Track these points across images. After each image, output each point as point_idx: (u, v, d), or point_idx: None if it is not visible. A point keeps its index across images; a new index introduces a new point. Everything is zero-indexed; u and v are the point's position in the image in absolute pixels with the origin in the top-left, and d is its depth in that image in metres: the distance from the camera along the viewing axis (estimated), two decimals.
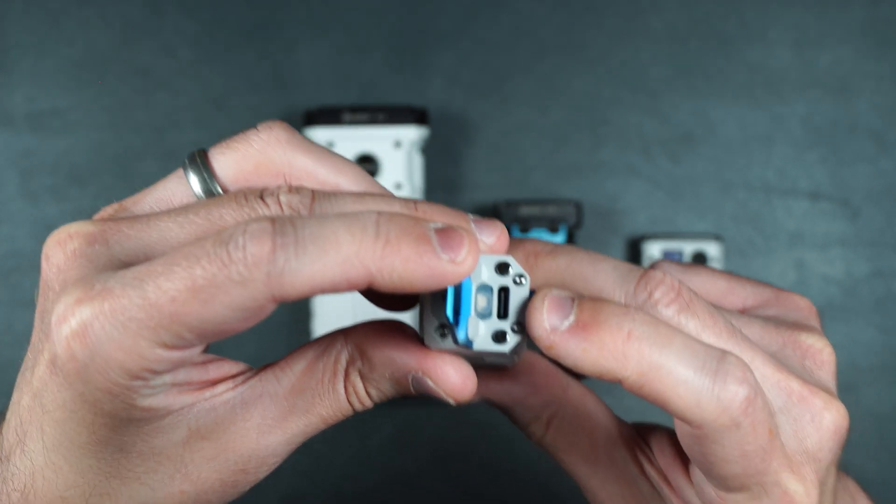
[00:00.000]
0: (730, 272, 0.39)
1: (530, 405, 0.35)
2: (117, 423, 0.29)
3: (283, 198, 0.30)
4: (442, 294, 0.30)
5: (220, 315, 0.26)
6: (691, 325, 0.32)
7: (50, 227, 0.35)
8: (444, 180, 0.81)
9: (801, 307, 0.37)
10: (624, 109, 0.82)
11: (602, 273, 0.33)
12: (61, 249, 0.29)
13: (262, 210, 0.30)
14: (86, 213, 0.34)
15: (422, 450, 0.80)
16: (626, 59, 0.82)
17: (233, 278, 0.26)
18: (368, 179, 0.33)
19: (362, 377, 0.31)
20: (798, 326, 0.35)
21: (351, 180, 0.33)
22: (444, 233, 0.28)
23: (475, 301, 0.30)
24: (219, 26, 0.82)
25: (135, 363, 0.27)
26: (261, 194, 0.30)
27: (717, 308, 0.34)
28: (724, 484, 0.31)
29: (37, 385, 0.29)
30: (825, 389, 0.34)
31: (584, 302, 0.29)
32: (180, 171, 0.33)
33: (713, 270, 0.39)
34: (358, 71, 0.82)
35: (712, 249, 0.79)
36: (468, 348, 0.30)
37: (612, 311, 0.29)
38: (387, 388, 0.31)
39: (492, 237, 0.31)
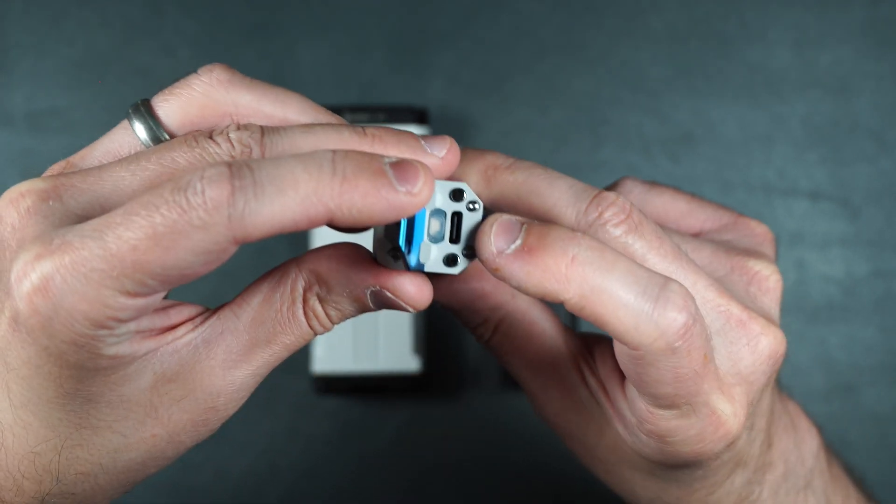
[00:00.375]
0: (693, 194, 0.40)
1: (478, 309, 0.36)
2: (83, 374, 0.29)
3: (232, 135, 0.30)
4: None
5: (183, 260, 0.27)
6: (637, 245, 0.33)
7: None
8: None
9: (758, 233, 0.38)
10: (624, 109, 0.82)
11: (557, 190, 0.34)
12: (14, 208, 0.30)
13: (212, 149, 0.30)
14: None
15: (423, 450, 0.80)
16: (626, 59, 0.82)
17: (194, 224, 0.26)
18: (314, 108, 0.34)
19: (321, 300, 0.31)
20: (748, 252, 0.36)
21: (297, 111, 0.33)
22: (400, 166, 0.28)
23: (428, 225, 0.31)
24: (219, 26, 0.82)
25: (100, 313, 0.27)
26: (210, 134, 0.31)
27: (667, 232, 0.35)
28: (656, 402, 0.32)
29: None
30: (765, 316, 0.35)
31: (532, 226, 0.30)
32: (125, 123, 0.33)
33: (676, 191, 0.40)
34: (358, 71, 0.82)
35: None
36: (419, 271, 0.31)
37: (559, 235, 0.30)
38: (346, 307, 0.31)
39: (442, 150, 0.32)
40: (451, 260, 0.31)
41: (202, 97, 0.33)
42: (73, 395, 0.29)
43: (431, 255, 0.31)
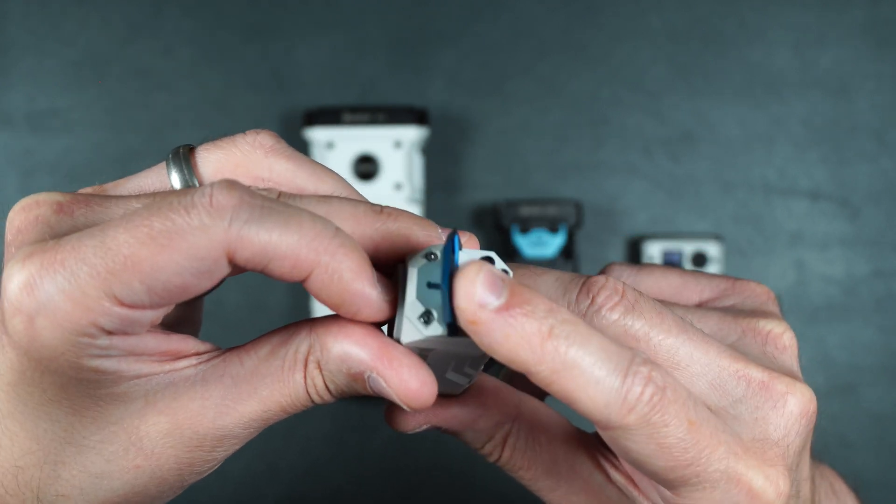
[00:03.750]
0: (682, 268, 0.39)
1: (481, 428, 0.33)
2: (67, 381, 0.28)
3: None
4: (432, 282, 0.29)
5: (176, 263, 0.26)
6: (638, 325, 0.31)
7: None
8: (444, 180, 0.82)
9: (759, 294, 0.37)
10: (624, 109, 0.82)
11: (544, 285, 0.33)
12: (25, 214, 0.29)
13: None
14: None
15: (422, 450, 0.80)
16: (626, 59, 0.82)
17: (192, 224, 0.26)
18: (349, 189, 0.33)
19: (320, 369, 0.30)
20: (756, 313, 0.35)
21: (331, 189, 0.33)
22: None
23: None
24: (219, 26, 0.82)
25: (82, 315, 0.27)
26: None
27: (667, 305, 0.33)
28: (662, 478, 0.30)
29: None
30: (788, 374, 0.33)
31: (513, 284, 0.28)
32: (163, 164, 0.33)
33: (665, 268, 0.38)
34: (358, 71, 0.82)
35: (712, 249, 0.79)
36: (453, 330, 0.29)
37: (539, 302, 0.28)
38: (343, 384, 0.30)
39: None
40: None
41: (241, 156, 0.33)
42: (57, 402, 0.29)
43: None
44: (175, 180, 0.32)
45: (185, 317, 0.34)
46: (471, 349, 0.29)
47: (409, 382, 0.29)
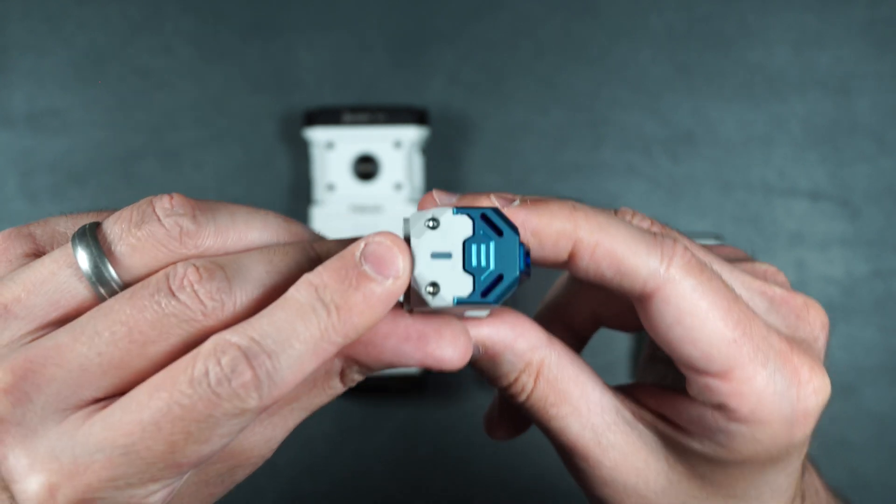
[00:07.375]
0: None
1: (519, 350, 0.33)
2: None
3: (198, 289, 0.28)
4: (437, 252, 0.30)
5: (219, 445, 0.28)
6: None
7: None
8: (444, 180, 0.82)
9: (737, 250, 0.39)
10: (624, 109, 0.82)
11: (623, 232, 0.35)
12: None
13: (185, 313, 0.28)
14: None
15: (422, 449, 0.80)
16: (625, 59, 0.82)
17: (228, 412, 0.27)
18: (278, 220, 0.33)
19: (360, 373, 0.31)
20: (742, 259, 0.37)
21: (258, 236, 0.32)
22: (372, 256, 0.28)
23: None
24: (219, 26, 0.82)
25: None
26: (169, 289, 0.28)
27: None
28: (714, 351, 0.31)
29: None
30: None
31: (524, 197, 0.32)
32: (60, 254, 0.31)
33: None
34: (358, 71, 0.82)
35: None
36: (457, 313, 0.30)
37: (552, 198, 0.32)
38: (383, 368, 0.31)
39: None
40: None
41: (157, 245, 0.31)
42: None
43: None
44: (83, 260, 0.30)
45: None
46: (478, 312, 0.31)
47: (450, 356, 0.31)
